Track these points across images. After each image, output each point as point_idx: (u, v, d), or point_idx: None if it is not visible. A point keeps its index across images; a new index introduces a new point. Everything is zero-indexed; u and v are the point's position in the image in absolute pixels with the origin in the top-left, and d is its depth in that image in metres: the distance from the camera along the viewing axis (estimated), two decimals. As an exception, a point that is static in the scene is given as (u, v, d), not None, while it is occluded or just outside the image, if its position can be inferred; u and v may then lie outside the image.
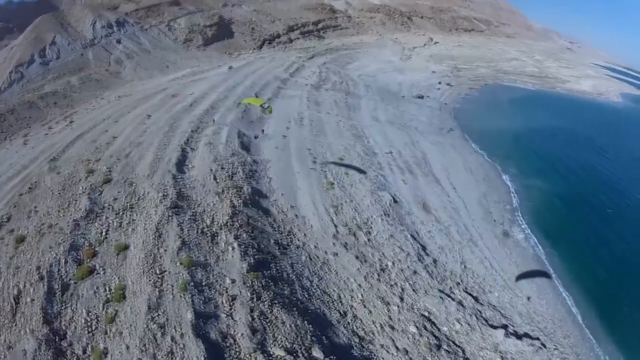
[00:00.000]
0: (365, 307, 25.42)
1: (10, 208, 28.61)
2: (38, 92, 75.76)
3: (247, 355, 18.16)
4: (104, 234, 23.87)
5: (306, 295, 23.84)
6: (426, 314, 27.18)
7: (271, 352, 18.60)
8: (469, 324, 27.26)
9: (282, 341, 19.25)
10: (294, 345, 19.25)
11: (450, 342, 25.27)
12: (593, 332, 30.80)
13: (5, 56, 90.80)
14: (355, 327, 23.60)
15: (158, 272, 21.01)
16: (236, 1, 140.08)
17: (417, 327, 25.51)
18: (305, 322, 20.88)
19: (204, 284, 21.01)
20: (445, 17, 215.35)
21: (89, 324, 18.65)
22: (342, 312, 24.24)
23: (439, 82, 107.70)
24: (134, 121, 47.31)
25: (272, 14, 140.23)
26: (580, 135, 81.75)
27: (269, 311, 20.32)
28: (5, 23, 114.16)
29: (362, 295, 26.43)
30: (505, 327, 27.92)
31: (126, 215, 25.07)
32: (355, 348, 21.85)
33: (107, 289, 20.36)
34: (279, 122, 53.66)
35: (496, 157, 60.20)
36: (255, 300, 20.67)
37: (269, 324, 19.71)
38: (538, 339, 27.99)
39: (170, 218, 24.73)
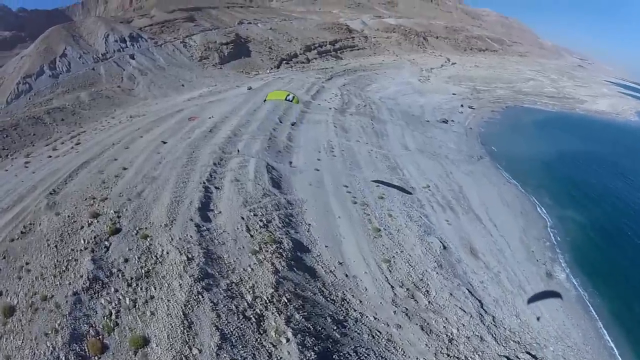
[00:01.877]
0: (442, 400, 19.69)
1: (-2, 259, 22.97)
2: (45, 106, 71.45)
3: None
4: (114, 316, 17.77)
5: (378, 394, 17.96)
6: (500, 392, 22.27)
7: None
8: (537, 396, 22.98)
9: None
10: None
11: None
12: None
13: (15, 66, 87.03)
14: None
15: (195, 390, 14.95)
16: (252, 19, 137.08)
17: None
18: None
19: (258, 406, 14.98)
20: (460, 37, 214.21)
21: None
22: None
23: (461, 105, 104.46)
24: (147, 148, 41.97)
25: (289, 33, 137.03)
26: (604, 160, 79.59)
27: None
28: (17, 32, 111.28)
29: (435, 381, 20.81)
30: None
31: (141, 288, 19.03)
32: None
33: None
34: (308, 152, 48.30)
35: (529, 187, 57.54)
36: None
37: None
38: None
39: (200, 296, 18.65)
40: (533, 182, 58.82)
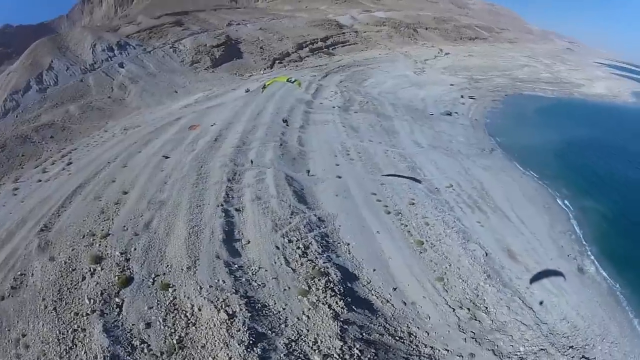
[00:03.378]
0: None
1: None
2: (33, 123, 66.45)
3: None
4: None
5: None
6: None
7: None
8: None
9: None
10: None
11: None
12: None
13: (1, 83, 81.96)
14: None
15: None
16: (240, 20, 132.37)
17: None
18: None
19: None
20: (449, 27, 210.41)
21: None
22: None
23: (462, 96, 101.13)
24: (149, 165, 37.48)
25: (280, 31, 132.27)
26: (611, 145, 77.80)
27: None
28: (4, 48, 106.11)
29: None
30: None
31: (177, 368, 14.54)
32: None
33: None
34: (324, 158, 44.23)
35: (546, 178, 55.82)
36: None
37: None
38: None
39: (259, 372, 14.16)
40: (548, 173, 57.25)
